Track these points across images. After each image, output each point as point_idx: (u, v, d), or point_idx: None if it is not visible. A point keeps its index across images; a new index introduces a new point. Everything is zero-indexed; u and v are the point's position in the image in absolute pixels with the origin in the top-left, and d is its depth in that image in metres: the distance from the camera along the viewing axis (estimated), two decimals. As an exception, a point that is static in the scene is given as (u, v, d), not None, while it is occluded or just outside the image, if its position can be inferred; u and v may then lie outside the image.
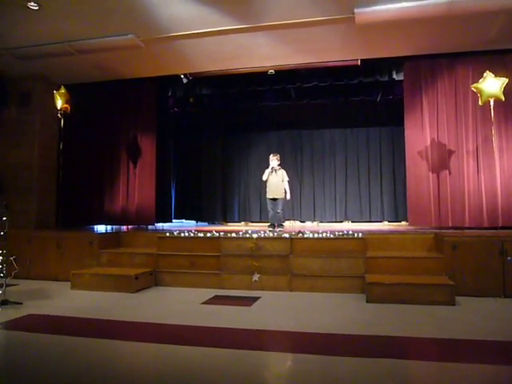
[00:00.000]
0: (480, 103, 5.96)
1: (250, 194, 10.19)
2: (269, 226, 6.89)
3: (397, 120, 7.83)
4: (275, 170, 6.97)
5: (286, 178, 7.00)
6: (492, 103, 5.87)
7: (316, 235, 5.71)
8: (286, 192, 6.95)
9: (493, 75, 5.76)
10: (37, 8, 5.29)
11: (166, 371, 2.86)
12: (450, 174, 6.66)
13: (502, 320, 4.06)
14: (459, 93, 6.71)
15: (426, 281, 4.80)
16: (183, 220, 10.41)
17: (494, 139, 6.13)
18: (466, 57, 6.67)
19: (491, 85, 5.75)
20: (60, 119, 7.30)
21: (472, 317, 4.10)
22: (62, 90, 7.03)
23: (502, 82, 5.73)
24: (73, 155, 8.07)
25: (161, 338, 3.61)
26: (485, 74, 5.81)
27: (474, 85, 5.95)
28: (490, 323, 3.92)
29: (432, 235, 5.77)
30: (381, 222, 9.34)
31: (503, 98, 5.79)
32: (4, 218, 4.76)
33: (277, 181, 6.94)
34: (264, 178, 7.03)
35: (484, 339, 3.41)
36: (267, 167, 7.05)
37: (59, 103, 7.01)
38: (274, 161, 6.99)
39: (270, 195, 6.99)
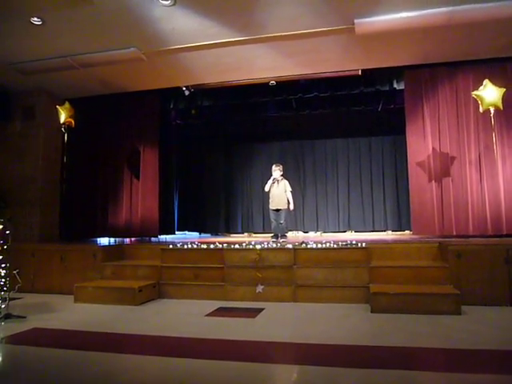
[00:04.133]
0: (481, 110, 6.00)
1: (253, 205, 10.18)
2: (272, 237, 6.87)
3: (398, 129, 7.84)
4: (277, 181, 6.96)
5: (289, 189, 6.98)
6: (492, 111, 5.90)
7: (319, 245, 5.69)
8: (289, 202, 6.92)
9: (491, 84, 5.80)
10: (40, 23, 5.37)
11: (171, 385, 2.83)
12: (452, 182, 6.65)
13: (508, 329, 4.01)
14: (460, 101, 6.73)
15: (431, 290, 4.76)
16: (186, 232, 10.40)
17: (496, 147, 6.14)
18: (467, 65, 6.70)
19: (491, 93, 5.80)
20: (64, 133, 7.35)
21: (478, 326, 4.05)
22: (66, 105, 7.09)
23: (501, 91, 5.80)
24: (76, 168, 8.10)
25: (165, 350, 3.58)
26: (484, 82, 5.85)
27: (475, 92, 5.98)
28: (497, 332, 3.87)
29: (436, 244, 5.73)
30: (384, 231, 9.31)
31: (502, 108, 5.85)
32: (7, 232, 4.76)
33: (279, 191, 6.92)
34: (266, 188, 7.02)
35: (491, 349, 3.37)
36: (270, 178, 7.05)
37: (62, 117, 7.07)
38: (276, 171, 6.97)
39: (272, 206, 6.97)
